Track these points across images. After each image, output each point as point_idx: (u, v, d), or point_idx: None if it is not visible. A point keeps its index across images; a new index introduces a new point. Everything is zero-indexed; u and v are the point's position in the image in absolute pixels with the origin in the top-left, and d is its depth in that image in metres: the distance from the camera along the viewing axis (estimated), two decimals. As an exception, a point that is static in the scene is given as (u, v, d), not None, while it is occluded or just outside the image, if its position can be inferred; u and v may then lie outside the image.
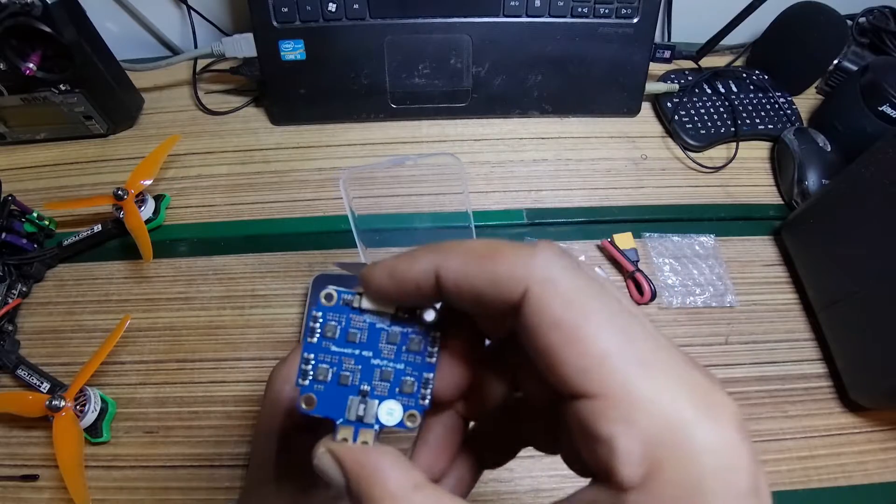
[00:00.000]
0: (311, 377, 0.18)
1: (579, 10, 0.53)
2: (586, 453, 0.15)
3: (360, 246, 0.38)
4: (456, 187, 0.38)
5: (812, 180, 0.52)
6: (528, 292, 0.15)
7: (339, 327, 0.18)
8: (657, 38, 0.58)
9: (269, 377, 0.30)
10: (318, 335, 0.18)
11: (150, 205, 0.49)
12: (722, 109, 0.58)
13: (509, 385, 0.19)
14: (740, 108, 0.58)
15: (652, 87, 0.58)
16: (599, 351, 0.14)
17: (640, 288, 0.47)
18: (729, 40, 0.58)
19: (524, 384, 0.19)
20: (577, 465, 0.18)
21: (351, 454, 0.17)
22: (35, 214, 0.48)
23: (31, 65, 0.47)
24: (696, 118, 0.57)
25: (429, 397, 0.18)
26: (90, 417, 0.39)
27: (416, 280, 0.17)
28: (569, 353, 0.14)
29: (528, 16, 0.53)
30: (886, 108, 0.51)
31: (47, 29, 0.45)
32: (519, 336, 0.16)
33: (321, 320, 0.18)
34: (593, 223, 0.52)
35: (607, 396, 0.14)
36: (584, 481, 0.16)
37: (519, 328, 0.16)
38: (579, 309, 0.15)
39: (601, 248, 0.50)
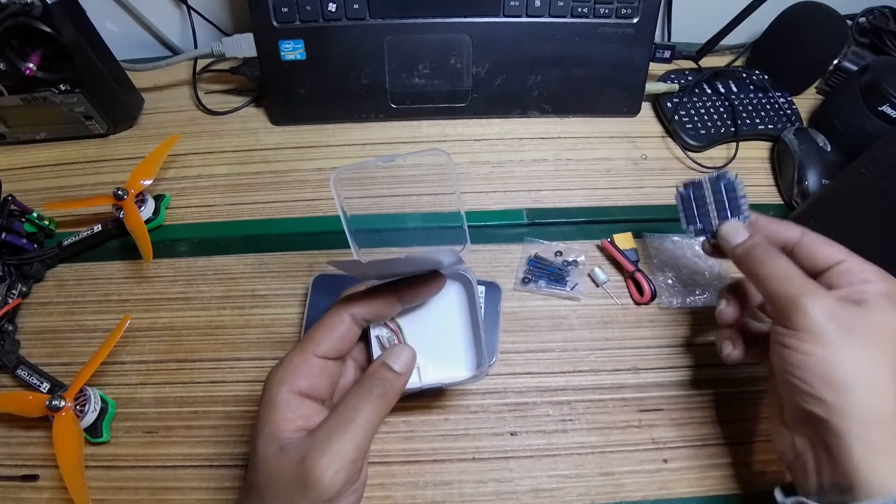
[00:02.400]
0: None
1: (579, 10, 0.53)
2: None
3: (353, 246, 0.37)
4: (452, 186, 0.37)
5: (812, 180, 0.52)
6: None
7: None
8: (657, 38, 0.58)
9: (266, 379, 0.30)
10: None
11: (150, 205, 0.49)
12: (722, 109, 0.58)
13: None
14: (740, 108, 0.58)
15: (652, 87, 0.58)
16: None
17: (640, 288, 0.47)
18: (729, 40, 0.58)
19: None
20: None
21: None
22: (35, 214, 0.48)
23: (31, 65, 0.47)
24: (696, 118, 0.57)
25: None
26: (90, 417, 0.39)
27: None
28: None
29: (528, 16, 0.53)
30: (886, 108, 0.51)
31: (47, 29, 0.45)
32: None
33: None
34: (593, 223, 0.52)
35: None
36: None
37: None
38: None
39: (601, 248, 0.50)
